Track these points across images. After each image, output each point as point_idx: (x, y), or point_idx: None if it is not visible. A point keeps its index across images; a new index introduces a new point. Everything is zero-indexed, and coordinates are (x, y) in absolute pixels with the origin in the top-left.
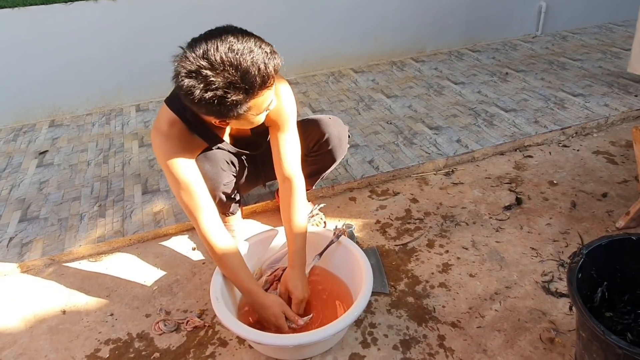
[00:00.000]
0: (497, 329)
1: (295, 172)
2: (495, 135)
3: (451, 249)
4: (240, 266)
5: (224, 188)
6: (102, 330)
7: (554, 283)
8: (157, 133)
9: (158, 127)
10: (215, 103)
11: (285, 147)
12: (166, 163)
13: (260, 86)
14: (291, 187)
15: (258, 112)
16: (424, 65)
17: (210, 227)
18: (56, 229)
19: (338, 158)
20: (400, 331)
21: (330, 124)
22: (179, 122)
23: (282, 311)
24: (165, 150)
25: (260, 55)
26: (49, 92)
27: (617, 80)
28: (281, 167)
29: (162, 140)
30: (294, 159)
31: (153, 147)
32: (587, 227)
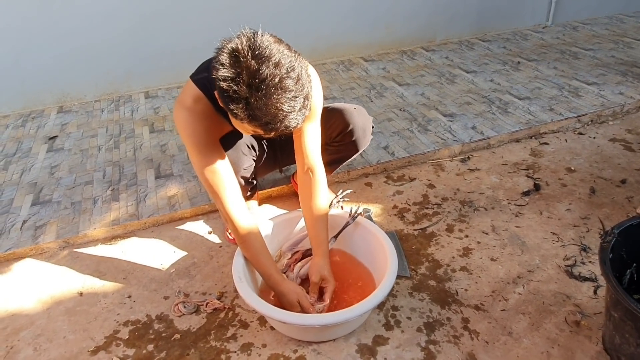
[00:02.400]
0: (521, 312)
1: (317, 163)
2: (510, 122)
3: (471, 234)
4: (262, 250)
5: (243, 172)
6: (121, 312)
7: (577, 267)
8: (181, 107)
9: (182, 101)
10: (225, 96)
11: (308, 138)
12: (190, 139)
13: (271, 131)
14: (313, 178)
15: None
16: (434, 55)
17: (234, 207)
18: (69, 212)
19: (361, 149)
20: (423, 314)
21: (355, 115)
22: (204, 99)
23: (297, 300)
24: (189, 126)
25: (296, 115)
26: (57, 78)
27: (630, 70)
28: (303, 157)
29: (186, 115)
30: (316, 150)
31: (176, 122)
32: (608, 213)
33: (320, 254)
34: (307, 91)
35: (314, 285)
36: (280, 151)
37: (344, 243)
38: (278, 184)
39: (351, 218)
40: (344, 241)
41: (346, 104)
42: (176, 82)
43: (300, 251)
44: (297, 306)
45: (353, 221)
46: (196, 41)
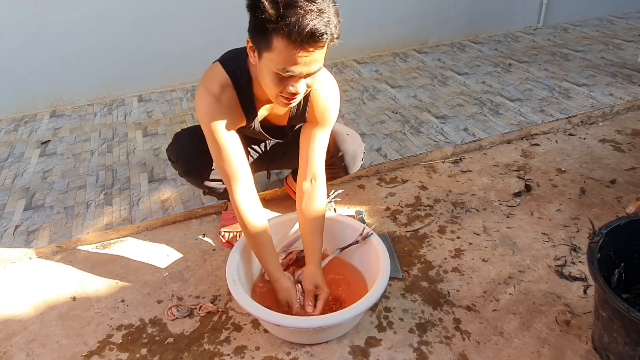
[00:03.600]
0: (512, 312)
1: (320, 171)
2: (501, 123)
3: (462, 235)
4: (266, 243)
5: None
6: (114, 316)
7: (567, 267)
8: (207, 93)
9: (209, 87)
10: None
11: (317, 145)
12: (210, 126)
13: (310, 40)
14: (314, 186)
15: (295, 66)
16: (426, 57)
17: (244, 198)
18: (62, 217)
19: (349, 173)
20: (415, 315)
21: (348, 141)
22: (231, 87)
23: (286, 300)
24: (211, 113)
25: (331, 17)
26: (50, 82)
27: (620, 71)
28: (308, 164)
29: (211, 102)
30: (322, 158)
31: (197, 106)
32: (597, 213)
33: (314, 262)
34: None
35: (309, 293)
36: (272, 156)
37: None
38: (271, 187)
39: (361, 237)
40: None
41: (341, 126)
42: (170, 86)
43: (294, 252)
44: (284, 305)
45: (363, 240)
46: (190, 45)
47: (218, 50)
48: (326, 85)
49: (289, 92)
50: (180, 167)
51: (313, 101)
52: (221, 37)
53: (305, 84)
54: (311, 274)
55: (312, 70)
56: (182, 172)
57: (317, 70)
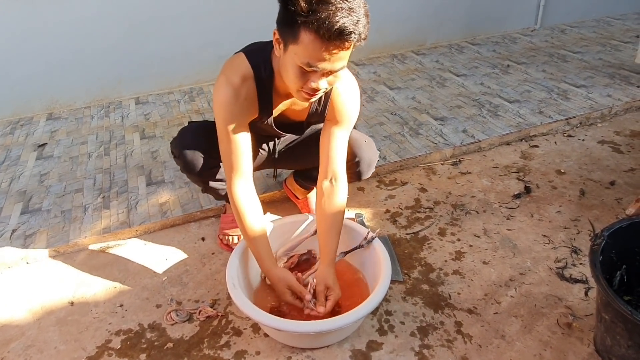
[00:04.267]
0: (514, 315)
1: (341, 171)
2: (500, 125)
3: (463, 237)
4: (261, 238)
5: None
6: (112, 321)
7: (568, 269)
8: (228, 83)
9: (230, 77)
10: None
11: (337, 143)
12: (224, 116)
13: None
14: (335, 186)
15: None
16: (425, 58)
17: (243, 190)
18: (60, 221)
19: (362, 179)
20: (416, 318)
21: (365, 148)
22: (251, 79)
23: (287, 286)
24: (228, 104)
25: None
26: (47, 84)
27: (618, 72)
28: (328, 163)
29: (230, 94)
30: (342, 158)
31: (215, 93)
32: (597, 215)
33: (327, 262)
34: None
35: (320, 293)
36: (280, 155)
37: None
38: (270, 190)
39: (365, 241)
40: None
41: (356, 132)
42: (167, 88)
43: (295, 255)
44: (286, 293)
45: (367, 244)
46: (187, 47)
47: (216, 52)
48: (348, 85)
49: (310, 88)
50: (181, 162)
51: (334, 99)
52: (218, 38)
53: (327, 82)
54: (323, 274)
55: (335, 67)
56: (182, 168)
57: (340, 69)
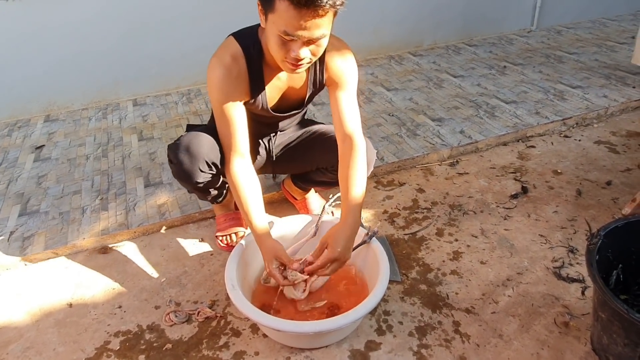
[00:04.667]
0: (511, 314)
1: (356, 130)
2: (497, 126)
3: (460, 237)
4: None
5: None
6: (111, 323)
7: (565, 268)
8: (219, 63)
9: (221, 57)
10: None
11: (344, 105)
12: (218, 95)
13: (312, 1)
14: (351, 145)
15: (297, 30)
16: (422, 59)
17: (240, 169)
18: (58, 223)
19: None
20: (414, 318)
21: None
22: (242, 57)
23: (275, 257)
24: (221, 83)
25: None
26: (44, 86)
27: (614, 73)
28: (341, 124)
29: (222, 72)
30: (354, 117)
31: (208, 76)
32: (594, 214)
33: (343, 220)
34: None
35: (319, 249)
36: (278, 159)
37: None
38: (269, 191)
39: (368, 237)
40: None
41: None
42: (165, 90)
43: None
44: (272, 262)
45: (370, 240)
46: (185, 48)
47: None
48: (340, 49)
49: (293, 58)
50: (174, 169)
51: (328, 63)
52: (216, 40)
53: (310, 51)
54: (331, 230)
55: (314, 35)
56: (174, 174)
57: (320, 37)
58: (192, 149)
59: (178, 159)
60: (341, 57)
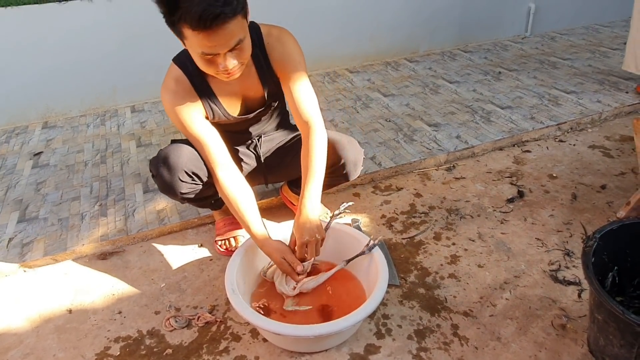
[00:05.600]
0: (509, 317)
1: (314, 115)
2: (493, 131)
3: (458, 241)
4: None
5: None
6: (111, 328)
7: (562, 271)
8: (165, 90)
9: (166, 84)
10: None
11: (298, 93)
12: (177, 119)
13: (205, 21)
14: (309, 131)
15: (211, 47)
16: (418, 65)
17: (227, 180)
18: (57, 229)
19: (351, 179)
20: (413, 321)
21: (348, 149)
22: (184, 78)
23: (282, 256)
24: (174, 107)
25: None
26: (42, 93)
27: (607, 78)
28: (298, 113)
29: (170, 97)
30: (311, 103)
31: (164, 106)
32: (589, 218)
33: (300, 208)
34: None
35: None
36: (268, 168)
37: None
38: (267, 196)
39: (367, 248)
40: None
41: (338, 134)
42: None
43: None
44: (283, 263)
45: (369, 251)
46: None
47: None
48: (279, 38)
49: (222, 70)
50: (157, 183)
51: (270, 55)
52: None
53: (235, 57)
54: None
55: (230, 46)
56: (159, 189)
57: (237, 44)
58: (170, 161)
59: (158, 171)
60: (281, 45)
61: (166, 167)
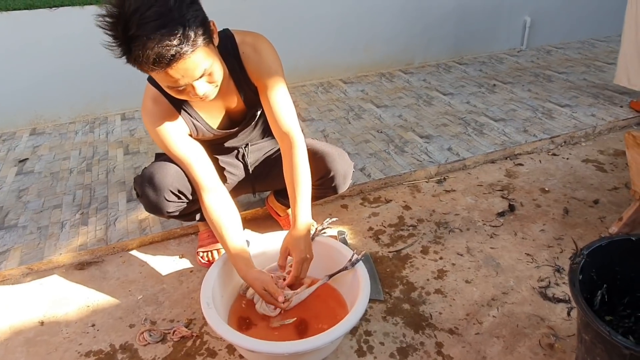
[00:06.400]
0: (495, 336)
1: (293, 127)
2: (485, 143)
3: (446, 256)
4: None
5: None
6: (83, 342)
7: (551, 288)
8: (144, 112)
9: (144, 106)
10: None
11: (276, 105)
12: (158, 141)
13: (162, 62)
14: (290, 144)
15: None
16: (412, 77)
17: (213, 204)
18: (35, 237)
19: (339, 192)
20: (396, 339)
21: (337, 161)
22: (161, 97)
23: (263, 288)
24: (155, 128)
25: (180, 25)
26: (31, 99)
27: (602, 92)
28: (277, 124)
29: (150, 119)
30: (289, 114)
31: (146, 127)
32: (581, 233)
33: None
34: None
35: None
36: (255, 177)
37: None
38: (252, 207)
39: (350, 263)
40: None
41: (328, 146)
42: None
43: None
44: (266, 295)
45: (352, 267)
46: None
47: None
48: (255, 48)
49: (195, 96)
50: (142, 203)
51: (246, 63)
52: None
53: (206, 82)
54: (287, 238)
55: (196, 77)
56: (145, 208)
57: (203, 73)
58: (155, 181)
59: (143, 192)
60: (257, 54)
61: (152, 187)
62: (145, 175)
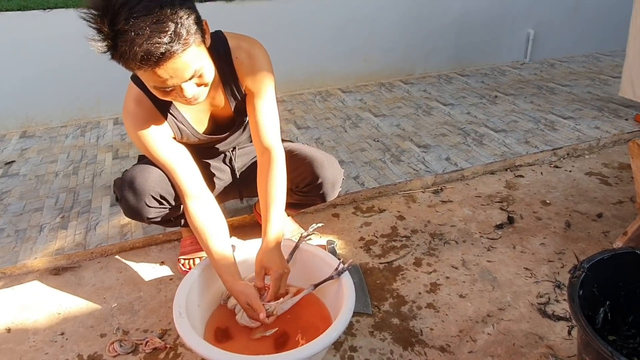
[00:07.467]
0: (490, 355)
1: (274, 143)
2: (485, 154)
3: (440, 268)
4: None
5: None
6: (49, 351)
7: (551, 305)
8: (126, 114)
9: (126, 107)
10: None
11: (262, 117)
12: (140, 144)
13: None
14: (270, 158)
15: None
16: (412, 87)
17: (197, 210)
18: (11, 241)
19: (328, 200)
20: (383, 355)
21: (327, 168)
22: (144, 98)
23: (247, 302)
24: (136, 131)
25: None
26: (22, 102)
27: (606, 105)
28: (259, 137)
29: (132, 121)
30: (273, 129)
31: (126, 130)
32: (583, 248)
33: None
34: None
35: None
36: (242, 182)
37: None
38: (240, 214)
39: (336, 273)
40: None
41: (318, 151)
42: None
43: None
44: (249, 309)
45: (338, 276)
46: None
47: None
48: (249, 53)
49: (182, 99)
50: (122, 207)
51: (238, 69)
52: None
53: (195, 85)
54: (260, 254)
55: (185, 78)
56: (124, 213)
57: (193, 74)
58: (136, 185)
59: (123, 196)
60: (251, 61)
61: (132, 191)
62: (126, 179)
